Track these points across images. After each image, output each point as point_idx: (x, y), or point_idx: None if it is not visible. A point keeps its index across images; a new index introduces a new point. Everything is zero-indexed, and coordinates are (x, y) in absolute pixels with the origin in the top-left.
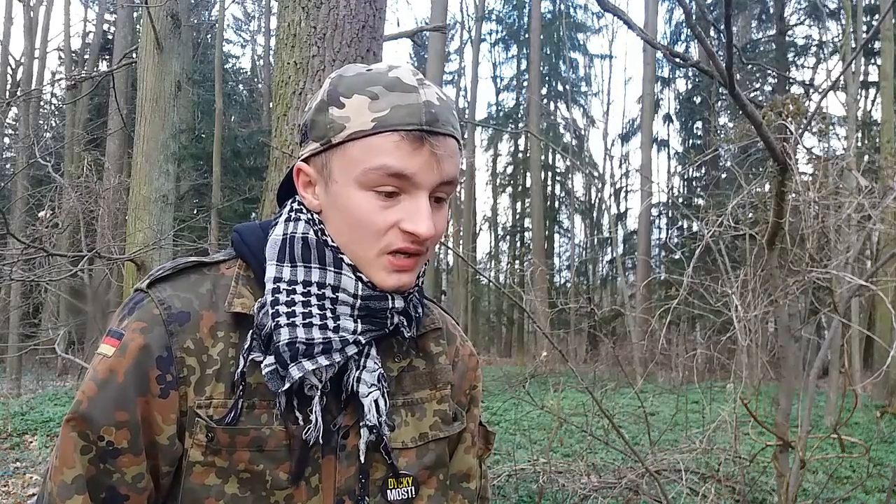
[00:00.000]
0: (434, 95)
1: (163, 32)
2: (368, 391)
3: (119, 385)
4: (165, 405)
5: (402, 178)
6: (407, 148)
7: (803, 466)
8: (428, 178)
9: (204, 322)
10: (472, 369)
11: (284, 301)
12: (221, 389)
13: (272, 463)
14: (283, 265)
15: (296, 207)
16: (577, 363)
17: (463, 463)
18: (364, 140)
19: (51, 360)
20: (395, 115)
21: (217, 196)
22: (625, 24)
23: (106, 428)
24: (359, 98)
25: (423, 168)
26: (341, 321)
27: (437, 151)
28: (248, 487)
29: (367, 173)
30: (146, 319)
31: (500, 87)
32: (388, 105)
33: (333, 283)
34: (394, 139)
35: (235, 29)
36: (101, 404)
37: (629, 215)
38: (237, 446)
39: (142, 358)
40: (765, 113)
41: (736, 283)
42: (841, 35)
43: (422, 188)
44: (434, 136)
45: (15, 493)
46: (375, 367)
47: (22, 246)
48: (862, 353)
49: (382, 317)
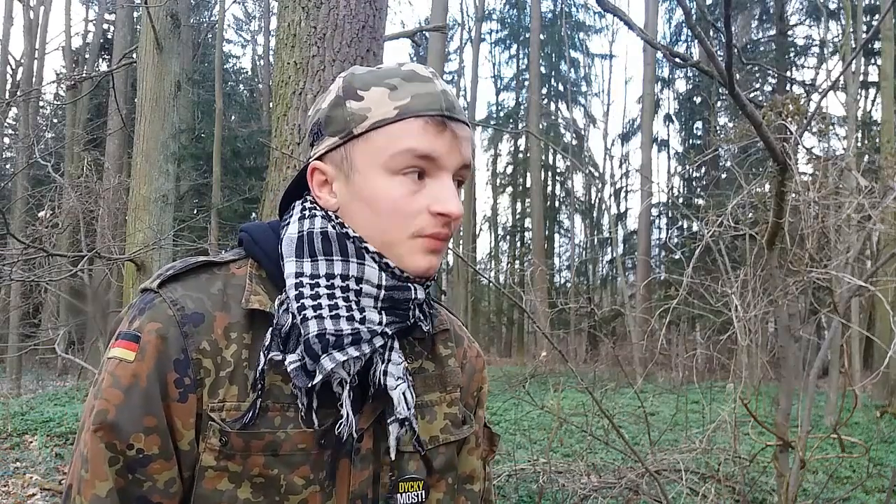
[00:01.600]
0: (450, 90)
1: (162, 32)
2: (396, 384)
3: (144, 390)
4: (184, 410)
5: (429, 159)
6: (432, 131)
7: (803, 466)
8: (452, 159)
9: (217, 323)
10: (479, 371)
11: (309, 294)
12: (234, 392)
13: (286, 467)
14: (303, 260)
15: (308, 206)
16: (577, 363)
17: (467, 465)
18: (388, 127)
19: (51, 360)
20: (418, 103)
21: (217, 196)
22: (625, 25)
23: (135, 435)
24: (377, 90)
25: (448, 149)
26: (367, 313)
27: (458, 134)
28: (262, 492)
29: (395, 157)
30: (160, 320)
31: (501, 86)
32: (408, 94)
33: (357, 274)
34: (419, 123)
35: (235, 29)
36: (128, 411)
37: (629, 215)
38: (252, 451)
39: (161, 361)
40: (765, 113)
41: (736, 283)
42: (841, 35)
43: (446, 169)
44: (454, 121)
45: (15, 493)
46: (401, 360)
47: (22, 246)
48: (862, 353)
49: (405, 308)
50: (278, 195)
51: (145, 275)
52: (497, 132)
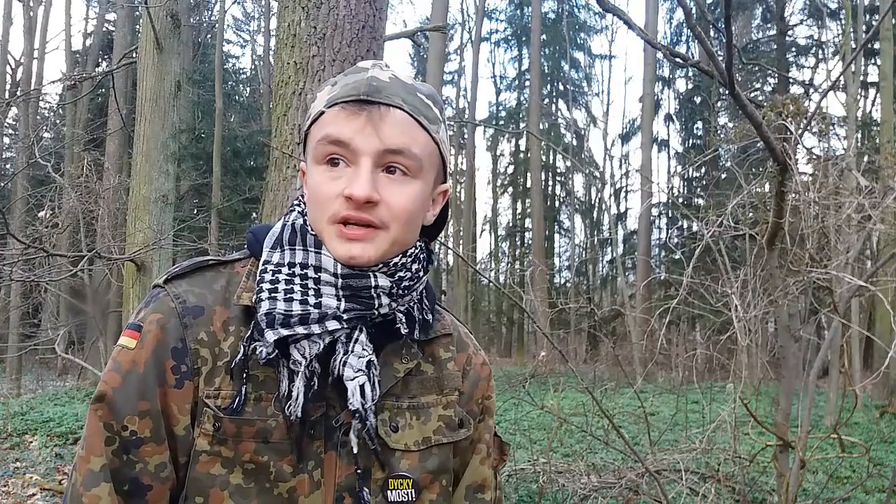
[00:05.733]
0: (386, 76)
1: (163, 32)
2: (354, 375)
3: (141, 375)
4: (181, 395)
5: (341, 144)
6: (344, 115)
7: (803, 466)
8: (366, 143)
9: (217, 316)
10: (484, 379)
11: (269, 280)
12: (229, 381)
13: (276, 455)
14: (273, 251)
15: (295, 203)
16: (577, 363)
17: (478, 474)
18: (319, 119)
19: (51, 360)
20: (342, 91)
21: (217, 196)
22: (625, 24)
23: (130, 417)
24: (325, 88)
25: (359, 133)
26: (324, 299)
27: (376, 116)
28: (253, 478)
29: (317, 147)
30: (162, 311)
31: (502, 87)
32: (340, 86)
33: (315, 263)
34: (335, 111)
35: (235, 29)
36: (124, 394)
37: (629, 215)
38: (243, 437)
39: (159, 349)
40: (765, 113)
41: (736, 283)
42: (841, 35)
43: (361, 154)
44: (372, 105)
45: (15, 493)
46: (365, 353)
47: (22, 246)
48: (862, 353)
49: (367, 296)
50: (278, 195)
51: (145, 275)
52: (498, 132)
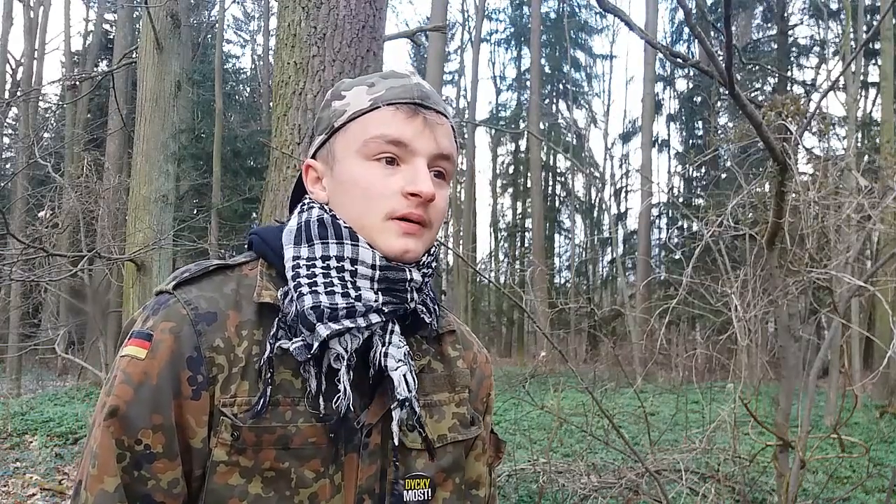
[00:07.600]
0: (425, 84)
1: (163, 32)
2: (397, 365)
3: (154, 387)
4: (198, 407)
5: (400, 144)
6: (402, 117)
7: (803, 466)
8: (424, 145)
9: (230, 321)
10: (487, 377)
11: (305, 274)
12: (246, 387)
13: (297, 461)
14: (300, 246)
15: (307, 202)
16: (576, 363)
17: (473, 470)
18: (363, 117)
19: (51, 360)
20: (390, 93)
21: (217, 196)
22: (625, 25)
23: (144, 431)
24: (358, 88)
25: (419, 135)
26: (362, 292)
27: (431, 121)
28: (272, 487)
29: (367, 143)
30: (174, 319)
31: (503, 87)
32: (383, 87)
33: (351, 255)
34: (390, 110)
35: (235, 29)
36: (137, 407)
37: (629, 215)
38: (263, 445)
39: (173, 359)
40: (765, 113)
41: (736, 283)
42: (841, 35)
43: (419, 154)
44: (427, 109)
45: (15, 493)
46: (402, 344)
47: (22, 246)
48: (862, 353)
49: (402, 289)
50: (278, 195)
51: (145, 275)
52: (498, 132)
